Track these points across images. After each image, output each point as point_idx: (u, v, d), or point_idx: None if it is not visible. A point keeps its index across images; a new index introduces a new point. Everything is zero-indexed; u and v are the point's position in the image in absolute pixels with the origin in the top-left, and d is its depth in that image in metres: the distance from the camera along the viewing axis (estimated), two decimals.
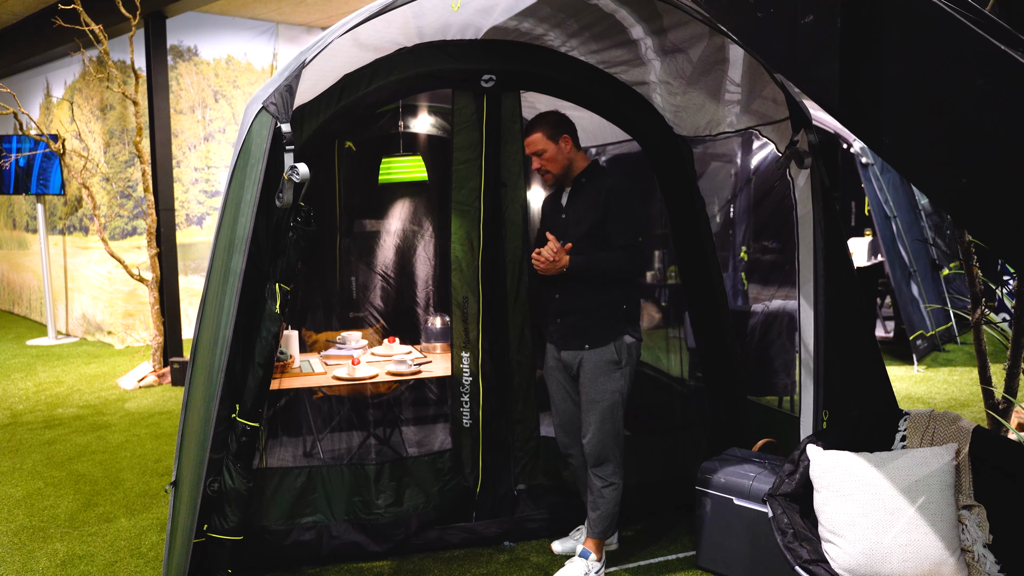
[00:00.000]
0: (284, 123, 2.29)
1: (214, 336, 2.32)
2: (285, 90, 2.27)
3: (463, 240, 3.56)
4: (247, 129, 2.32)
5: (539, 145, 3.21)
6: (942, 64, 1.64)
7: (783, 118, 3.07)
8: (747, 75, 3.03)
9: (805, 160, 2.90)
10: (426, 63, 3.36)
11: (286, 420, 4.64)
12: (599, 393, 3.21)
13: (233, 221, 2.29)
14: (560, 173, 3.25)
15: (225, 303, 2.32)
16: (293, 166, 2.25)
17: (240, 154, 2.31)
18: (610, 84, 3.59)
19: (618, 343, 3.20)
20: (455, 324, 3.57)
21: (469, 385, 3.58)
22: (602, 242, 3.18)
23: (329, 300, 5.02)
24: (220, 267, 2.32)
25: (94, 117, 8.27)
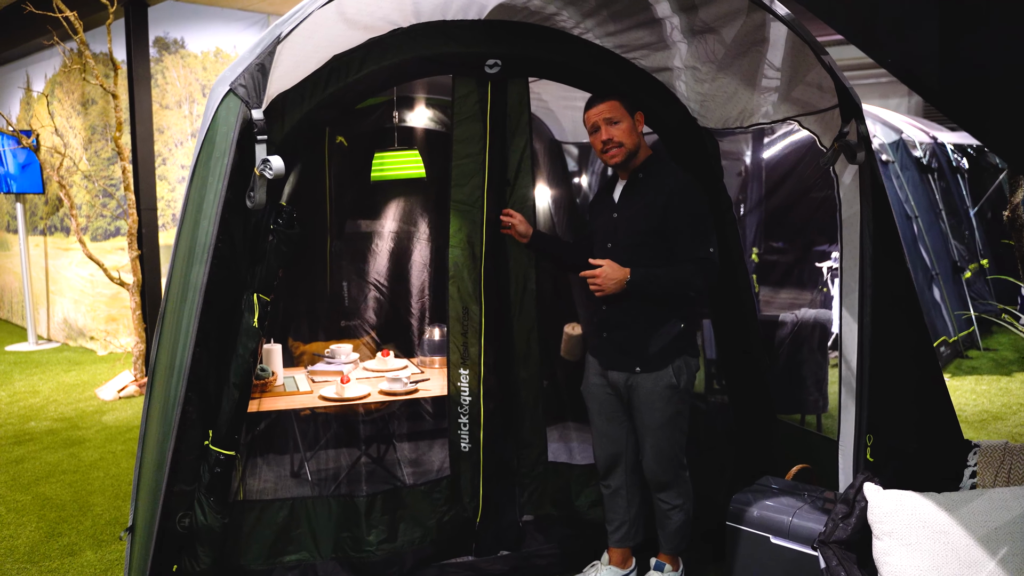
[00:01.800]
0: (255, 108, 1.92)
1: (170, 363, 1.95)
2: (256, 70, 1.91)
3: (463, 244, 3.19)
4: (211, 116, 1.96)
5: (615, 112, 2.83)
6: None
7: (829, 107, 2.70)
8: (789, 57, 2.66)
9: (857, 154, 2.53)
10: (424, 46, 2.99)
11: (269, 440, 4.28)
12: (656, 420, 2.87)
13: (194, 226, 1.93)
14: (631, 151, 2.87)
15: (183, 324, 1.96)
16: (265, 159, 1.89)
17: (203, 146, 1.94)
18: (627, 71, 3.22)
19: (676, 366, 2.85)
20: (452, 338, 3.20)
21: (468, 405, 3.21)
22: (660, 251, 2.82)
23: (318, 308, 4.65)
24: (179, 280, 1.96)
25: (75, 112, 7.88)
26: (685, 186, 2.84)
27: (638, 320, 2.86)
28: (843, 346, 3.05)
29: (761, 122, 3.01)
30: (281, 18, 2.13)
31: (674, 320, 2.87)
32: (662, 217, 2.79)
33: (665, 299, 2.84)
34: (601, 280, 2.78)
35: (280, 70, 2.43)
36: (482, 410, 3.21)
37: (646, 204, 2.84)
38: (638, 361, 2.86)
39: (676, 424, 2.92)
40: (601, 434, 3.06)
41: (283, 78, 2.57)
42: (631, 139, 2.85)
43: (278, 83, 2.60)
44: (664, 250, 2.82)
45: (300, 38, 2.28)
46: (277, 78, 2.50)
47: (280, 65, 2.38)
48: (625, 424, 3.01)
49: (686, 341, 2.90)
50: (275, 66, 2.35)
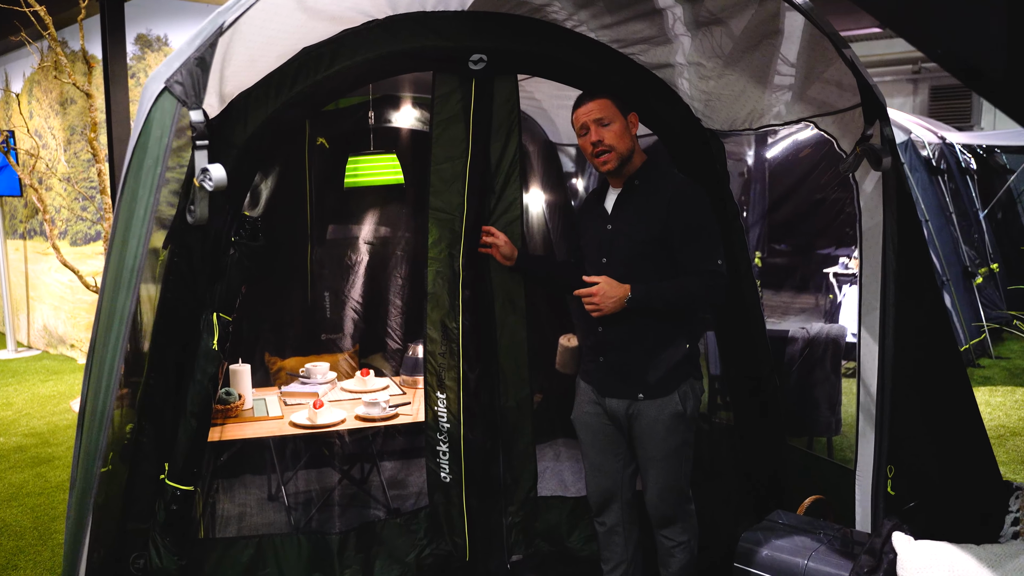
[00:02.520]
0: (194, 109, 1.66)
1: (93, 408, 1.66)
2: (196, 65, 1.64)
3: (442, 256, 2.93)
4: (143, 119, 1.69)
5: (606, 112, 2.56)
6: None
7: (850, 106, 2.43)
8: (806, 52, 2.39)
9: (883, 160, 2.26)
10: (401, 40, 2.72)
11: (245, 460, 4.01)
12: (660, 451, 2.61)
13: (121, 246, 1.65)
14: (624, 157, 2.60)
15: (107, 360, 1.68)
16: (205, 168, 1.63)
17: (134, 153, 1.67)
18: (624, 68, 2.95)
19: (682, 391, 2.58)
20: (428, 360, 2.93)
21: (448, 433, 2.94)
22: (662, 264, 2.56)
23: (297, 320, 4.37)
24: (106, 310, 1.68)
25: (53, 112, 7.60)
26: (687, 192, 2.57)
27: (639, 342, 2.59)
28: (862, 369, 2.79)
29: (772, 123, 2.75)
30: (224, 5, 1.85)
31: (679, 340, 2.60)
32: (663, 226, 2.53)
33: (669, 317, 2.57)
34: (599, 299, 2.51)
35: (234, 65, 2.16)
36: (462, 438, 2.94)
37: (644, 213, 2.57)
38: (640, 387, 2.60)
39: (682, 454, 2.66)
40: (594, 467, 2.79)
41: (240, 74, 2.29)
42: (623, 142, 2.58)
43: (235, 80, 2.32)
44: (666, 263, 2.55)
45: (251, 29, 2.01)
46: (232, 75, 2.23)
47: (233, 59, 2.11)
48: (621, 456, 2.74)
49: (692, 363, 2.63)
50: (227, 60, 2.08)
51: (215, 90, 2.14)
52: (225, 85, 2.29)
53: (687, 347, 2.61)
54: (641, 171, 2.63)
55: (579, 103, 2.62)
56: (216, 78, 2.06)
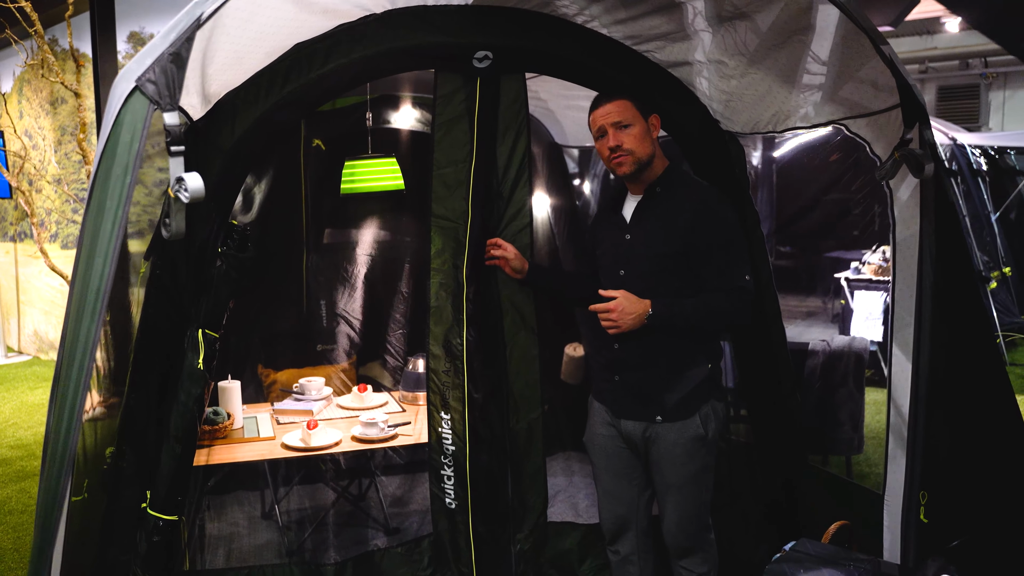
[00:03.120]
0: (169, 110, 1.48)
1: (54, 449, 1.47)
2: (170, 61, 1.46)
3: (445, 267, 2.75)
4: (111, 122, 1.51)
5: (626, 115, 2.38)
6: None
7: (886, 108, 2.25)
8: (839, 49, 2.21)
9: (925, 166, 2.08)
10: (401, 36, 2.54)
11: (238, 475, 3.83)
12: (680, 477, 2.44)
13: (86, 267, 1.47)
14: (643, 162, 2.42)
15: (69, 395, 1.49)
16: (180, 178, 1.45)
17: (101, 160, 1.49)
18: (637, 66, 2.77)
19: (704, 413, 2.41)
20: (432, 376, 2.75)
21: (452, 456, 2.76)
22: (684, 278, 2.39)
23: (292, 330, 4.19)
24: (69, 338, 1.50)
25: (43, 112, 7.42)
26: (713, 201, 2.39)
27: (658, 361, 2.41)
28: (893, 388, 2.62)
29: (799, 126, 2.56)
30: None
31: (701, 359, 2.43)
32: (686, 238, 2.35)
33: (690, 335, 2.40)
34: (616, 315, 2.33)
35: (218, 62, 1.97)
36: (468, 461, 2.76)
37: (666, 223, 2.39)
38: (659, 409, 2.42)
39: (702, 481, 2.49)
40: (608, 493, 2.61)
41: (225, 72, 2.11)
42: (643, 147, 2.40)
43: (220, 78, 2.14)
44: (688, 277, 2.37)
45: (234, 22, 1.83)
46: (216, 73, 2.05)
47: (216, 56, 1.93)
48: (637, 482, 2.57)
49: (714, 384, 2.46)
50: (209, 57, 1.90)
51: (196, 90, 1.96)
52: (209, 84, 2.11)
53: (708, 367, 2.43)
54: (663, 178, 2.45)
55: (596, 104, 2.44)
56: (197, 76, 1.88)
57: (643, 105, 2.41)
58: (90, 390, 1.69)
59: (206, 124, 2.37)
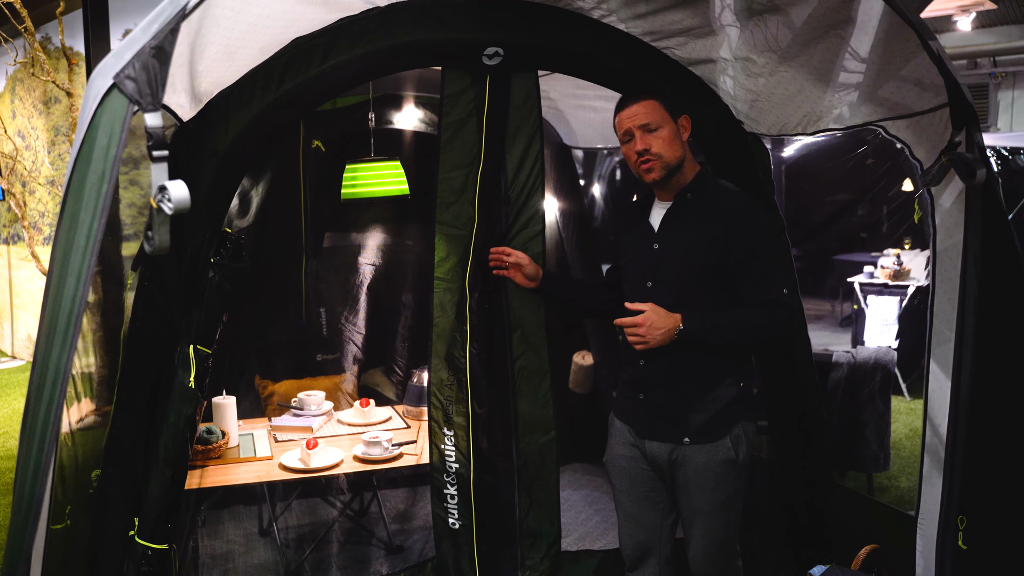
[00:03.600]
0: (150, 110, 1.32)
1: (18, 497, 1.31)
2: (153, 55, 1.29)
3: (450, 276, 2.60)
4: (87, 123, 1.35)
5: (654, 116, 2.21)
6: None
7: (930, 108, 2.09)
8: (881, 45, 2.05)
9: (977, 171, 1.92)
10: (406, 31, 2.39)
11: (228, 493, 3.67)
12: (709, 502, 2.27)
13: (57, 287, 1.31)
14: (673, 167, 2.25)
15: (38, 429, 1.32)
16: (163, 187, 1.29)
17: (75, 166, 1.34)
18: (656, 63, 2.61)
19: (735, 435, 2.25)
20: (434, 391, 2.60)
21: (456, 475, 2.61)
22: (717, 291, 2.23)
23: (291, 339, 4.03)
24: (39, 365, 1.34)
25: (36, 112, 7.25)
26: (750, 208, 2.23)
27: (687, 379, 2.25)
28: (930, 406, 2.47)
29: (832, 128, 2.40)
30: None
31: (732, 378, 2.27)
32: (721, 248, 2.18)
33: (722, 351, 2.24)
34: (645, 330, 2.16)
35: (208, 58, 1.81)
36: (472, 480, 2.61)
37: (699, 232, 2.22)
38: (687, 430, 2.26)
39: (732, 506, 2.32)
40: (629, 518, 2.44)
41: (216, 69, 1.95)
42: (673, 151, 2.23)
43: (211, 76, 1.98)
44: (721, 290, 2.21)
45: (226, 14, 1.66)
46: (207, 70, 1.89)
47: (207, 51, 1.77)
48: (661, 506, 2.41)
49: (746, 403, 2.29)
50: (198, 52, 1.73)
51: (185, 88, 1.80)
52: (199, 82, 1.95)
53: (740, 385, 2.27)
54: (695, 183, 2.29)
55: (622, 105, 2.28)
56: (184, 73, 1.72)
57: (672, 105, 2.25)
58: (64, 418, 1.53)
59: (197, 125, 2.22)
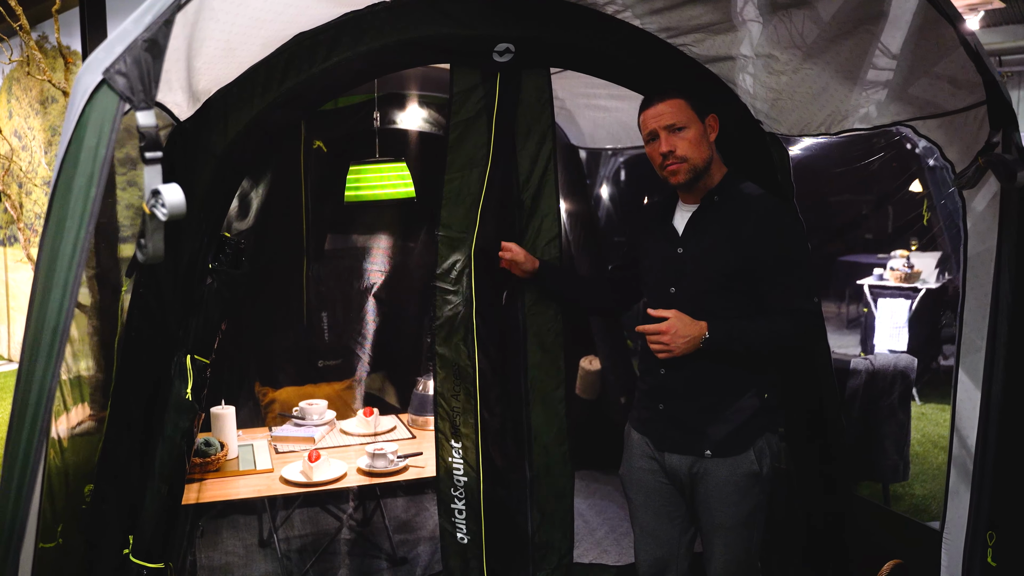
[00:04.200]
0: (143, 109, 1.22)
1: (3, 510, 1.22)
2: (145, 49, 1.20)
3: (452, 281, 2.51)
4: (74, 121, 1.26)
5: (680, 116, 2.11)
6: None
7: (964, 107, 2.00)
8: (913, 40, 1.95)
9: (1018, 174, 1.82)
10: (412, 26, 2.29)
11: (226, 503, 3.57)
12: (731, 517, 2.18)
13: (43, 298, 1.21)
14: (700, 169, 2.15)
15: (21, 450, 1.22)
16: (156, 191, 1.20)
17: (62, 168, 1.24)
18: (672, 60, 2.51)
19: (758, 448, 2.16)
20: (440, 401, 2.52)
21: (464, 488, 2.52)
22: (744, 298, 2.14)
23: (292, 345, 3.93)
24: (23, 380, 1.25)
25: (33, 111, 7.14)
26: (779, 213, 2.14)
27: (709, 389, 2.16)
28: (957, 417, 2.38)
29: (858, 128, 2.30)
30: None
31: (756, 389, 2.17)
32: (748, 254, 2.09)
33: (746, 361, 2.15)
34: (669, 338, 2.08)
35: (207, 54, 1.71)
36: (482, 494, 2.51)
37: (727, 237, 2.12)
38: (708, 443, 2.16)
39: (754, 521, 2.23)
40: (646, 533, 2.35)
41: (215, 66, 1.85)
42: (699, 152, 2.13)
43: (210, 73, 1.89)
44: (747, 297, 2.12)
45: (225, 6, 1.56)
46: (205, 66, 1.79)
47: (205, 46, 1.67)
48: (679, 521, 2.31)
49: (770, 415, 2.20)
50: (196, 46, 1.63)
51: (182, 86, 1.71)
52: (197, 79, 1.85)
53: (765, 396, 2.18)
54: (722, 186, 2.19)
55: (646, 104, 2.18)
56: (181, 69, 1.62)
57: (700, 104, 2.15)
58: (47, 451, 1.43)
59: (194, 125, 2.13)
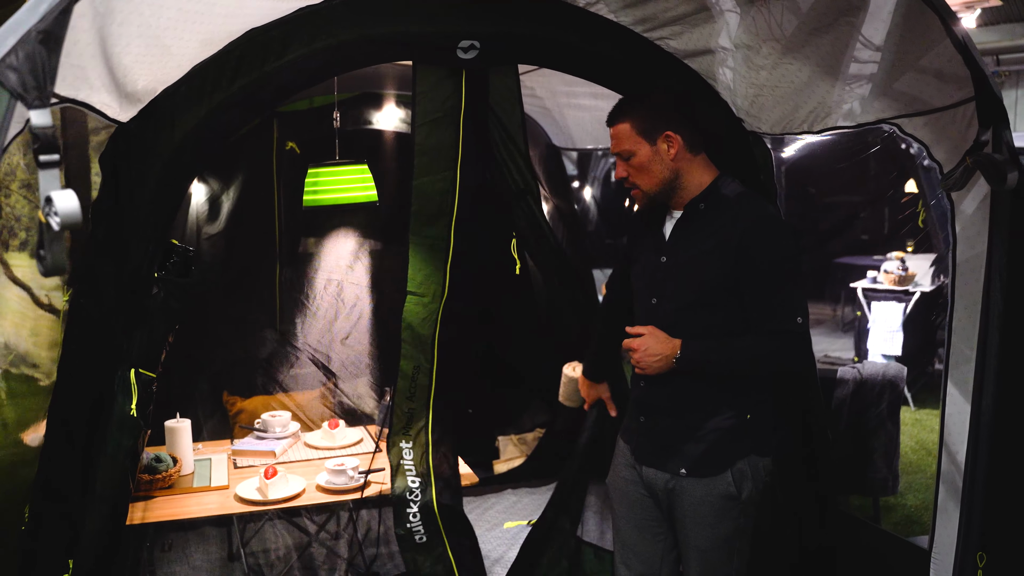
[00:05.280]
0: (36, 106, 1.11)
1: None
2: (40, 41, 1.08)
3: (422, 289, 2.41)
4: None
5: (623, 143, 2.03)
6: None
7: (952, 103, 1.88)
8: (897, 32, 1.83)
9: (1008, 175, 1.70)
10: (372, 22, 2.18)
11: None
12: (706, 539, 2.07)
13: None
14: (657, 191, 2.05)
15: None
16: (48, 198, 1.08)
17: None
18: (648, 56, 2.39)
19: (737, 470, 2.03)
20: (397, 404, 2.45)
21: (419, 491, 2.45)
22: (727, 313, 2.01)
23: (263, 351, 3.81)
24: None
25: None
26: (766, 222, 1.99)
27: (687, 406, 2.05)
28: (946, 431, 2.26)
29: (841, 125, 2.18)
30: None
31: (738, 409, 2.05)
32: (731, 268, 1.96)
33: (728, 380, 2.03)
34: (640, 355, 1.98)
35: (134, 52, 1.60)
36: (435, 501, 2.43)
37: (711, 247, 2.00)
38: (684, 461, 2.05)
39: (733, 546, 2.11)
40: (627, 548, 2.23)
41: (149, 64, 1.73)
42: (649, 178, 2.03)
43: (148, 73, 1.77)
44: (730, 312, 1.99)
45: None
46: (135, 64, 1.67)
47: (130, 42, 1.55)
48: (661, 538, 2.19)
49: (753, 437, 2.07)
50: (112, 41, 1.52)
51: (105, 84, 1.59)
52: (133, 78, 1.74)
53: (747, 417, 2.05)
54: (709, 192, 2.06)
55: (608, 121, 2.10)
56: (99, 66, 1.50)
57: (650, 122, 2.01)
58: None
59: (139, 127, 2.02)
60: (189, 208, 3.77)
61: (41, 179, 1.11)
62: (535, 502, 4.07)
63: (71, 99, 1.53)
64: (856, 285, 6.05)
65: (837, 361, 3.51)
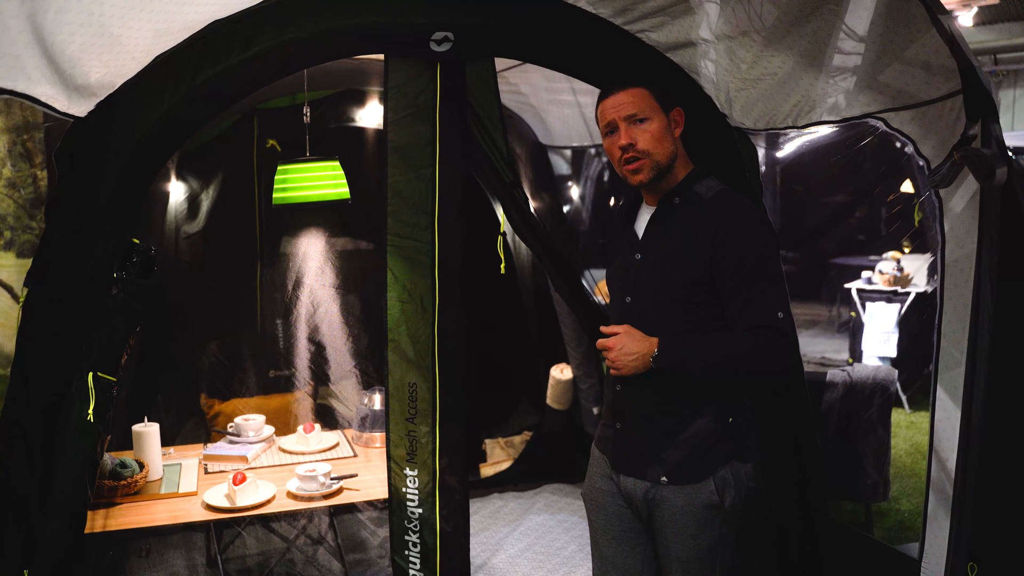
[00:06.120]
0: None
1: None
2: None
3: (404, 294, 2.31)
4: None
5: (642, 106, 1.92)
6: None
7: (940, 96, 1.80)
8: (881, 22, 1.76)
9: (997, 171, 1.62)
10: (341, 13, 2.11)
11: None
12: (688, 550, 1.98)
13: None
14: (662, 166, 1.95)
15: None
16: None
17: None
18: (629, 49, 2.32)
19: (720, 477, 1.95)
20: (392, 425, 2.31)
21: (419, 519, 2.32)
22: (705, 311, 1.93)
23: (243, 353, 3.73)
24: None
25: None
26: (742, 215, 1.91)
27: (666, 410, 1.97)
28: (936, 438, 2.19)
29: (826, 120, 2.10)
30: None
31: (720, 412, 1.97)
32: (708, 262, 1.89)
33: (709, 382, 1.95)
34: (615, 355, 1.90)
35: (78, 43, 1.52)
36: (439, 526, 2.32)
37: (683, 242, 1.92)
38: (664, 468, 1.97)
39: (715, 556, 2.02)
40: (606, 560, 2.15)
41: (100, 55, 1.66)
42: (662, 147, 1.93)
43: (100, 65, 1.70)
44: (707, 310, 1.91)
45: None
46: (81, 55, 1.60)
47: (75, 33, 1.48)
48: (640, 550, 2.11)
49: (736, 441, 1.99)
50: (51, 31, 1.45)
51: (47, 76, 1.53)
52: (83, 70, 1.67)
53: (729, 421, 1.97)
54: (684, 185, 1.98)
55: (605, 94, 1.98)
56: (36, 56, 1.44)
57: (664, 96, 1.95)
58: None
59: (98, 122, 1.95)
60: (167, 207, 3.70)
61: None
62: (522, 507, 4.00)
63: (7, 90, 1.46)
64: (850, 286, 5.98)
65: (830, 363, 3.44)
